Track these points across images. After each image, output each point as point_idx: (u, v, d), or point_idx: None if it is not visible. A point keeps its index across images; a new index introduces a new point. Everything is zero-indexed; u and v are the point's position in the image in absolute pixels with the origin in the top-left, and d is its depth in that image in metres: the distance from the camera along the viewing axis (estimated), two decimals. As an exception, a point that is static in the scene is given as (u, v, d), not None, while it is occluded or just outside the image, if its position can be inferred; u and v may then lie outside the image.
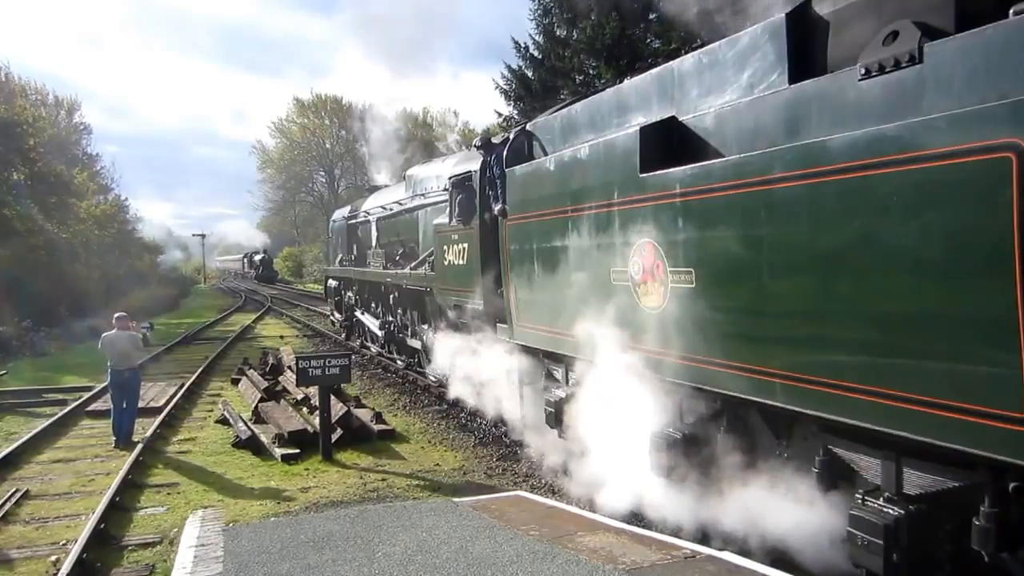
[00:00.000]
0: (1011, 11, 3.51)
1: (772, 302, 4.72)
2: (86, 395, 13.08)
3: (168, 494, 7.97)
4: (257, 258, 71.64)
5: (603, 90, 7.52)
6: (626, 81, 6.99)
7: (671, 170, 5.55)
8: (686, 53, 6.31)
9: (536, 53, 23.70)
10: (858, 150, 4.00)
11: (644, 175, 5.83)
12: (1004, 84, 3.43)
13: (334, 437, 9.50)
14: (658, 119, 6.04)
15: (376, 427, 10.30)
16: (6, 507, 7.41)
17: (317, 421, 9.59)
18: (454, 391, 10.43)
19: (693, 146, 5.63)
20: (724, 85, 5.54)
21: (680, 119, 5.85)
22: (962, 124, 3.51)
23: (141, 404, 11.05)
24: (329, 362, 9.35)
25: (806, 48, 4.92)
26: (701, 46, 6.09)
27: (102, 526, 6.70)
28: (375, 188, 19.16)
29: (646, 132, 5.93)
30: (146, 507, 7.57)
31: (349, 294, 19.71)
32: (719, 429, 5.60)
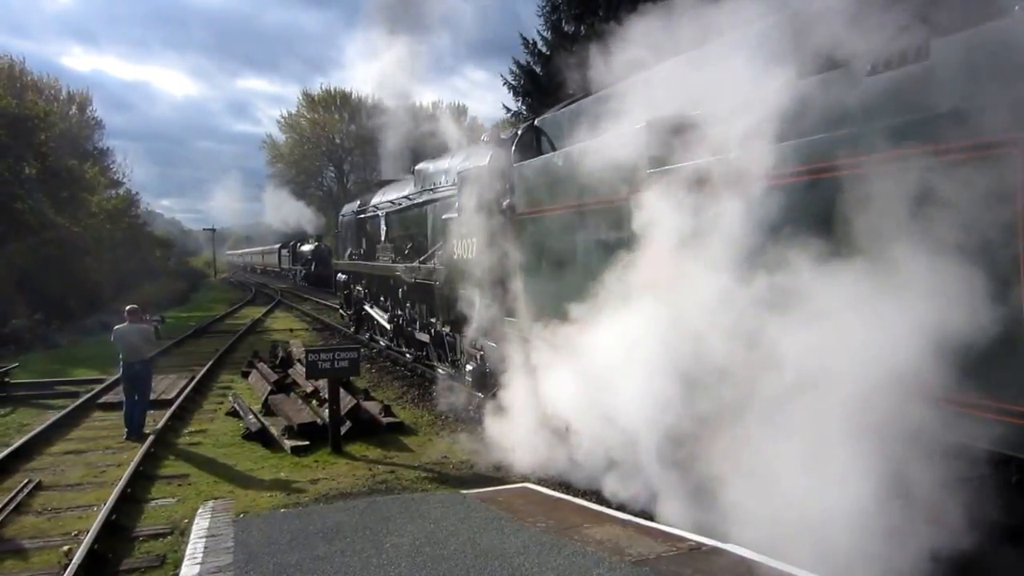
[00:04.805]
0: (1016, 7, 3.51)
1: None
2: (98, 388, 13.17)
3: (179, 485, 8.04)
4: (306, 249, 48.89)
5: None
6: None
7: (678, 165, 5.56)
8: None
9: (544, 49, 23.66)
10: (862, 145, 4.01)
11: (652, 170, 5.84)
12: (1010, 80, 3.44)
13: (343, 429, 9.56)
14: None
15: (385, 419, 10.36)
16: (19, 498, 7.48)
17: (326, 413, 9.64)
18: None
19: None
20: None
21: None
22: (968, 120, 3.51)
23: (152, 396, 11.10)
24: (338, 355, 9.39)
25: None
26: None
27: (113, 517, 6.77)
28: (384, 182, 19.14)
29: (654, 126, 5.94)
30: (157, 498, 7.64)
31: (358, 288, 19.76)
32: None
